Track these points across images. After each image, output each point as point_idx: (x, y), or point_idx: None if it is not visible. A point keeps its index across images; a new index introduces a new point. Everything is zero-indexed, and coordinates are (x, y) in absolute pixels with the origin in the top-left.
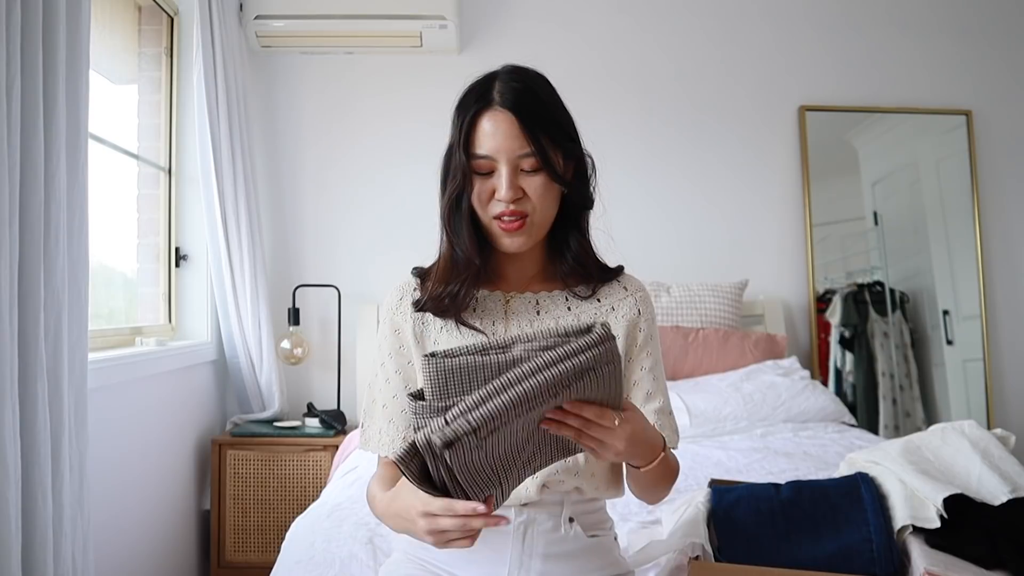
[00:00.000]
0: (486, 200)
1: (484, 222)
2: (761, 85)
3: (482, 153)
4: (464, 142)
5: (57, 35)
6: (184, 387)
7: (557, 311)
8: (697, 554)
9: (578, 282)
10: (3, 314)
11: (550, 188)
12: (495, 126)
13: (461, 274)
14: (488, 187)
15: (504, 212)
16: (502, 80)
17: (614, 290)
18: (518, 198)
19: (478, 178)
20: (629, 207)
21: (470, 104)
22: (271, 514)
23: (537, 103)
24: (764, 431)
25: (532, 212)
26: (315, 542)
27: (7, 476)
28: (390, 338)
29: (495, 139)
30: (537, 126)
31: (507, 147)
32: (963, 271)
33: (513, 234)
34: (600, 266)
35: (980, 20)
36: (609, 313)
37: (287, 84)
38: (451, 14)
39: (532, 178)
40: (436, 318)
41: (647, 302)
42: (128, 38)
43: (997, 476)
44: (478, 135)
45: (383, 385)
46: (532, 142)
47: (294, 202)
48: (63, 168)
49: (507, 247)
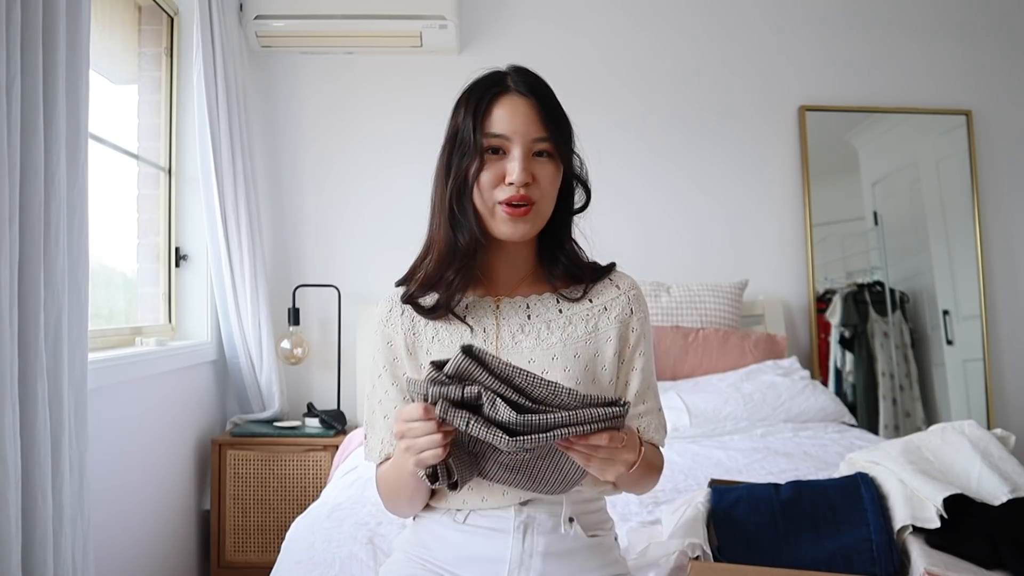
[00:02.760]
0: (492, 184)
1: (485, 208)
2: (761, 85)
3: (497, 132)
4: (478, 123)
5: (57, 35)
6: (184, 387)
7: (548, 314)
8: (697, 554)
9: (568, 284)
10: (3, 314)
11: (557, 178)
12: (513, 108)
13: (460, 260)
14: (497, 170)
15: (513, 197)
16: (513, 74)
17: (606, 288)
18: (528, 183)
19: (488, 160)
20: (629, 207)
21: (484, 89)
22: (271, 514)
23: (551, 96)
24: (764, 431)
25: (539, 199)
26: (315, 542)
27: (7, 476)
28: (383, 350)
29: (513, 121)
30: (552, 115)
31: (524, 129)
32: (963, 271)
33: (518, 220)
34: (591, 266)
35: (980, 20)
36: (601, 314)
37: (287, 84)
38: (451, 14)
39: (543, 166)
40: (427, 327)
41: (640, 300)
42: (128, 38)
43: (997, 476)
44: (493, 117)
45: (382, 396)
46: (548, 127)
47: (294, 202)
48: (63, 168)
49: (508, 235)
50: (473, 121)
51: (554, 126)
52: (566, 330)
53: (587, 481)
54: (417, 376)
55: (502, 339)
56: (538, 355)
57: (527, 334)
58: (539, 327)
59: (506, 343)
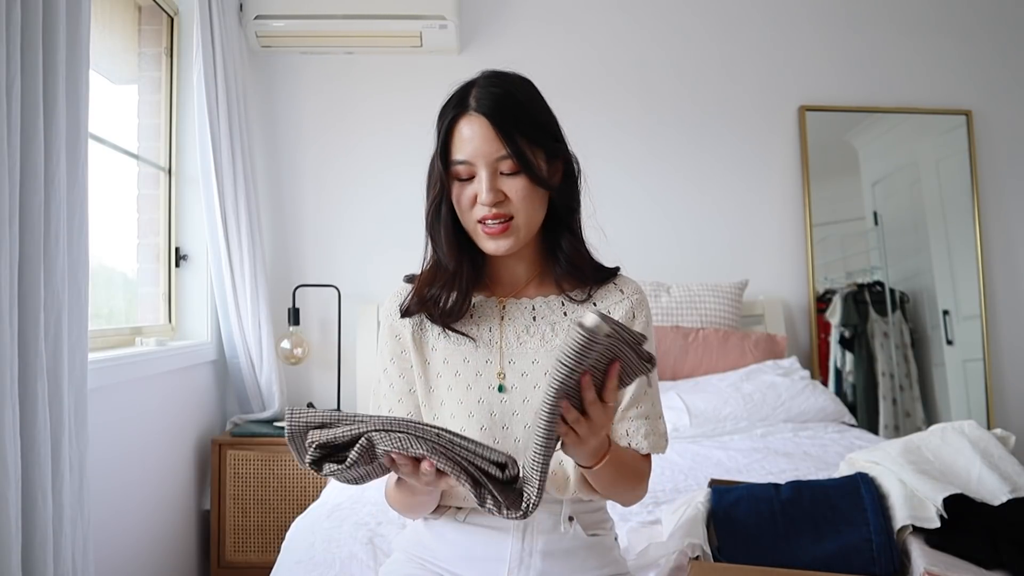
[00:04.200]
0: (468, 205)
1: (469, 228)
2: (761, 85)
3: (460, 159)
4: (442, 150)
5: (57, 35)
6: (184, 387)
7: (553, 316)
8: (697, 554)
9: (573, 285)
10: (3, 314)
11: (533, 190)
12: (472, 131)
13: (444, 279)
14: (470, 192)
15: (487, 216)
16: (479, 86)
17: (610, 292)
18: (499, 201)
19: (459, 184)
20: (629, 207)
21: (448, 112)
22: (271, 514)
23: (514, 105)
24: (764, 431)
25: (516, 214)
26: (315, 542)
27: (7, 476)
28: (391, 343)
29: (472, 144)
30: (514, 128)
31: (484, 151)
32: (963, 271)
33: (497, 238)
34: (595, 267)
35: (980, 20)
36: None
37: (287, 84)
38: (451, 14)
39: (513, 181)
40: (433, 323)
41: (643, 305)
42: (128, 38)
43: (997, 476)
44: (455, 141)
45: (387, 390)
46: (508, 144)
47: (294, 202)
48: (63, 168)
49: (492, 251)
50: (441, 148)
51: (517, 139)
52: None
53: (574, 484)
54: (422, 371)
55: (506, 339)
56: (542, 356)
57: (532, 335)
58: (544, 329)
59: (511, 344)
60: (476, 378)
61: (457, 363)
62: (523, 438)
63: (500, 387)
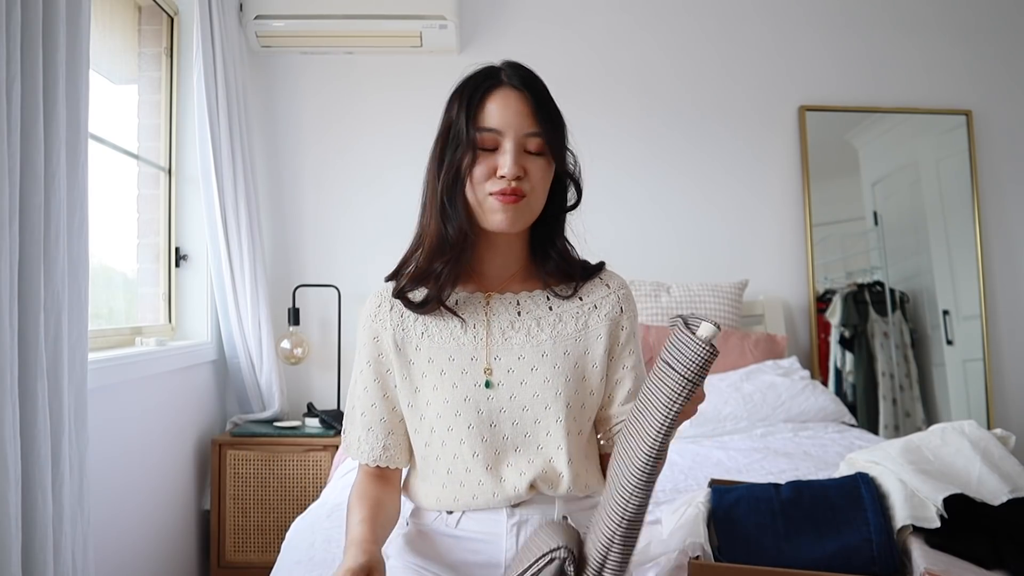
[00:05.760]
0: (483, 177)
1: (476, 200)
2: (761, 85)
3: (489, 126)
4: (471, 116)
5: (57, 35)
6: (184, 387)
7: (538, 311)
8: (697, 554)
9: (559, 281)
10: (3, 314)
11: (548, 174)
12: (505, 102)
13: (449, 252)
14: (489, 163)
15: (505, 189)
16: (507, 69)
17: (596, 287)
18: (519, 176)
19: (481, 153)
20: (629, 207)
21: (478, 83)
22: (271, 514)
23: (544, 90)
24: (764, 431)
25: (529, 193)
26: (315, 542)
27: (7, 476)
28: (369, 346)
29: (505, 115)
30: (545, 110)
31: (516, 123)
32: (963, 271)
33: (508, 207)
34: (582, 264)
35: (980, 20)
36: (591, 312)
37: (287, 84)
38: (451, 14)
39: (535, 160)
40: (416, 323)
41: (629, 299)
42: (128, 38)
43: (997, 476)
44: (486, 111)
45: (361, 393)
46: (540, 122)
47: (294, 202)
48: (63, 168)
49: (499, 223)
50: (466, 115)
51: (547, 121)
52: (556, 327)
53: (585, 475)
54: (406, 372)
55: (492, 335)
56: (528, 351)
57: (517, 330)
58: (529, 324)
59: (496, 339)
60: (462, 376)
61: (442, 362)
62: (511, 435)
63: (487, 383)
